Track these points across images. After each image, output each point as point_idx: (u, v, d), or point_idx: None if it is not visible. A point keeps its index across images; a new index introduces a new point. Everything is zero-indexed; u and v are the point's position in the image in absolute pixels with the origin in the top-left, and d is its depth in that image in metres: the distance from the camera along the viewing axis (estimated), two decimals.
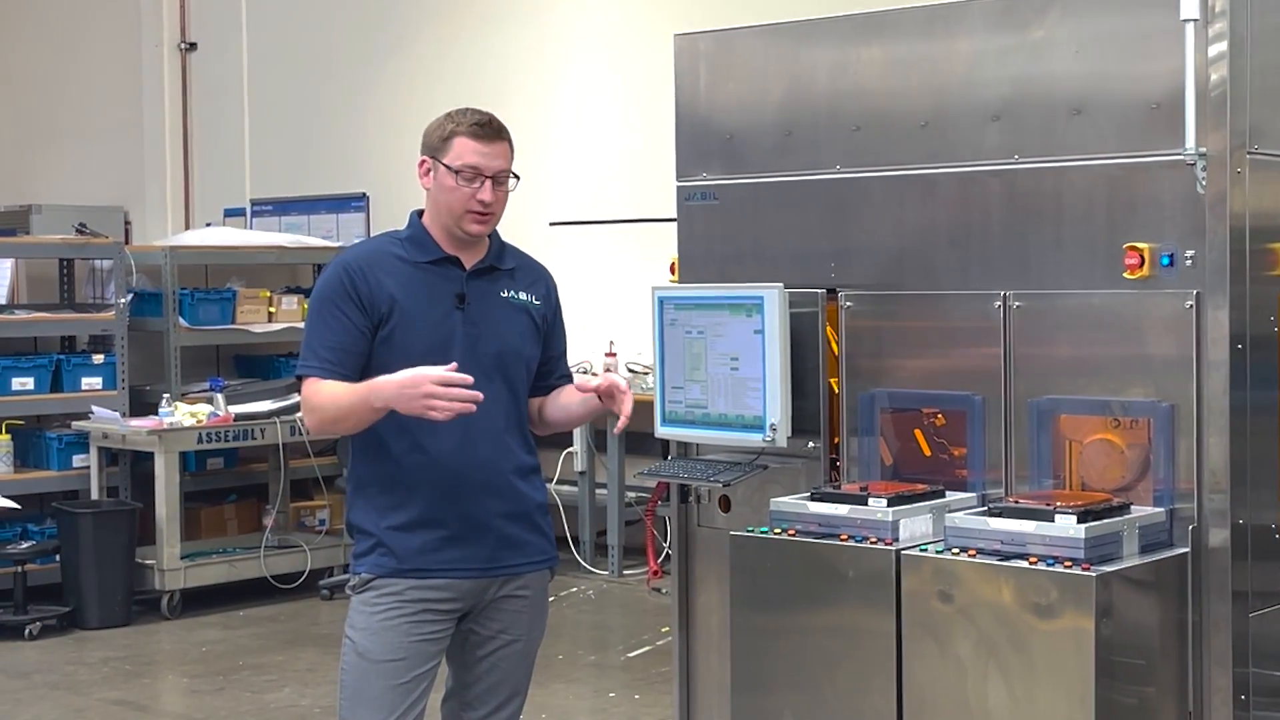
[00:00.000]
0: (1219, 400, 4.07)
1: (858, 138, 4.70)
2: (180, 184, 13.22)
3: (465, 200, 3.90)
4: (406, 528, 3.92)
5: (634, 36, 10.27)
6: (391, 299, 3.90)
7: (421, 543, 3.91)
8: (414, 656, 3.90)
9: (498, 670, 4.05)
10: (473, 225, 3.93)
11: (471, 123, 3.93)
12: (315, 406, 3.90)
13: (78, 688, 7.54)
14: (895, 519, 4.23)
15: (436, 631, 3.95)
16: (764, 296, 4.70)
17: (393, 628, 3.90)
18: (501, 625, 4.02)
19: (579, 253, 10.28)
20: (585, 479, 9.86)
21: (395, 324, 3.89)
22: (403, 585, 3.91)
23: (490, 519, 3.95)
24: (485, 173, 3.90)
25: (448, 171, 3.90)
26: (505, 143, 3.95)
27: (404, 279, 3.94)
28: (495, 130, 3.94)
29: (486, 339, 3.95)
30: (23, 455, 9.31)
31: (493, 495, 3.95)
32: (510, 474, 3.99)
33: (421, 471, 3.91)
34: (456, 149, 3.90)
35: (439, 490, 3.91)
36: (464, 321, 3.94)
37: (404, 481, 3.93)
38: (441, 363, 3.78)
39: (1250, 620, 4.16)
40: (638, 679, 7.44)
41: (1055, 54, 4.33)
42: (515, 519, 4.00)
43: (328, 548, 9.38)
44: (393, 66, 11.73)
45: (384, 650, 3.89)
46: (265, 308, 10.15)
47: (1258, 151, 4.13)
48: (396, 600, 3.90)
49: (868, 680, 4.20)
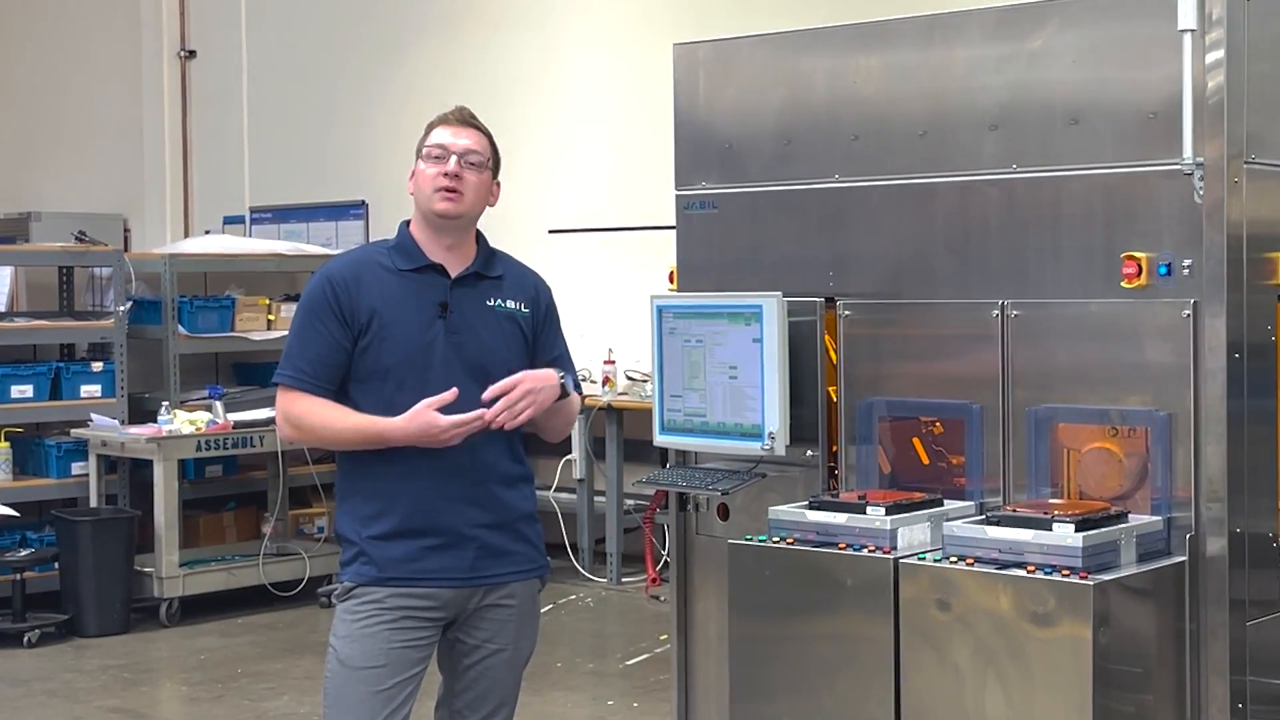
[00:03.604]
0: (1216, 409, 4.08)
1: (856, 147, 4.71)
2: (179, 191, 13.22)
3: (433, 179, 3.95)
4: (386, 537, 3.93)
5: (633, 45, 10.28)
6: (371, 309, 3.94)
7: (402, 552, 3.92)
8: (395, 663, 3.90)
9: (485, 679, 4.04)
10: (440, 203, 3.95)
11: (444, 113, 4.05)
12: (298, 422, 3.96)
13: (76, 695, 7.54)
14: (893, 527, 4.23)
15: (419, 638, 3.94)
16: (762, 305, 4.71)
17: (373, 634, 3.90)
18: (487, 634, 4.02)
19: (578, 261, 10.29)
20: (584, 486, 9.85)
21: (375, 333, 3.92)
22: (383, 593, 3.92)
23: (471, 529, 3.94)
24: (451, 150, 3.96)
25: (421, 161, 3.99)
26: (476, 131, 4.03)
27: (386, 288, 3.97)
28: (465, 117, 4.04)
29: (469, 347, 3.95)
30: (22, 463, 9.31)
31: (473, 505, 3.95)
32: (493, 483, 3.98)
33: (401, 481, 3.92)
34: (429, 136, 4.02)
35: (418, 500, 3.92)
36: (446, 330, 3.95)
37: (384, 491, 3.94)
38: (421, 370, 3.86)
39: (1247, 629, 4.16)
40: (636, 687, 7.43)
41: (1053, 63, 4.34)
42: (498, 529, 3.98)
43: (326, 555, 9.37)
44: (392, 74, 11.74)
45: (364, 657, 3.90)
46: (264, 315, 10.16)
47: (1255, 161, 4.14)
48: (377, 608, 3.91)
49: (866, 688, 4.20)
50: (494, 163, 4.05)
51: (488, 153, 4.02)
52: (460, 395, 3.83)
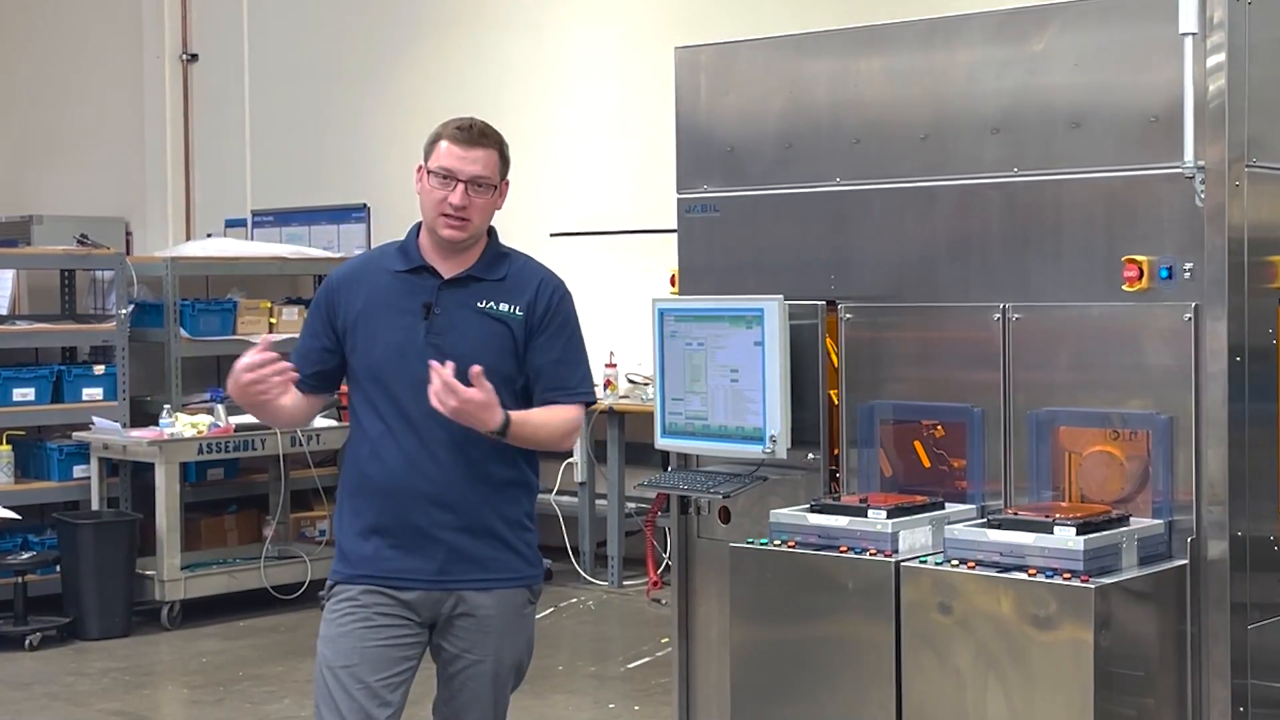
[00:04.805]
0: (1217, 412, 4.08)
1: (858, 150, 4.72)
2: (181, 195, 13.22)
3: (438, 203, 3.92)
4: (361, 534, 3.96)
5: (635, 49, 10.28)
6: (356, 311, 3.97)
7: (373, 550, 3.93)
8: (370, 662, 3.87)
9: (466, 690, 3.99)
10: (445, 229, 3.93)
11: (455, 126, 3.95)
12: None
13: (78, 698, 7.54)
14: (895, 530, 4.24)
15: (397, 636, 3.91)
16: (764, 308, 4.71)
17: (348, 633, 3.91)
18: (465, 644, 3.96)
19: (579, 264, 10.26)
20: (585, 490, 9.85)
21: (359, 334, 3.97)
22: (355, 590, 3.93)
23: (439, 531, 3.90)
24: (458, 176, 3.90)
25: (427, 173, 3.95)
26: (487, 149, 3.92)
27: (378, 289, 3.99)
28: (477, 135, 3.93)
29: (449, 350, 3.88)
30: (23, 466, 9.31)
31: (442, 508, 3.90)
32: (468, 487, 3.91)
33: (376, 479, 3.94)
34: (437, 151, 3.94)
35: (387, 500, 3.93)
36: (428, 331, 3.93)
37: (363, 490, 3.97)
38: (402, 372, 3.89)
39: (1249, 632, 4.16)
40: (637, 690, 7.43)
41: (1054, 67, 4.35)
42: (471, 532, 3.93)
43: (328, 558, 9.23)
44: (394, 77, 11.74)
45: (339, 656, 3.90)
46: (266, 319, 10.16)
47: (1256, 164, 4.14)
48: (351, 604, 3.93)
49: (867, 691, 4.20)
50: (503, 169, 3.99)
51: (496, 173, 3.95)
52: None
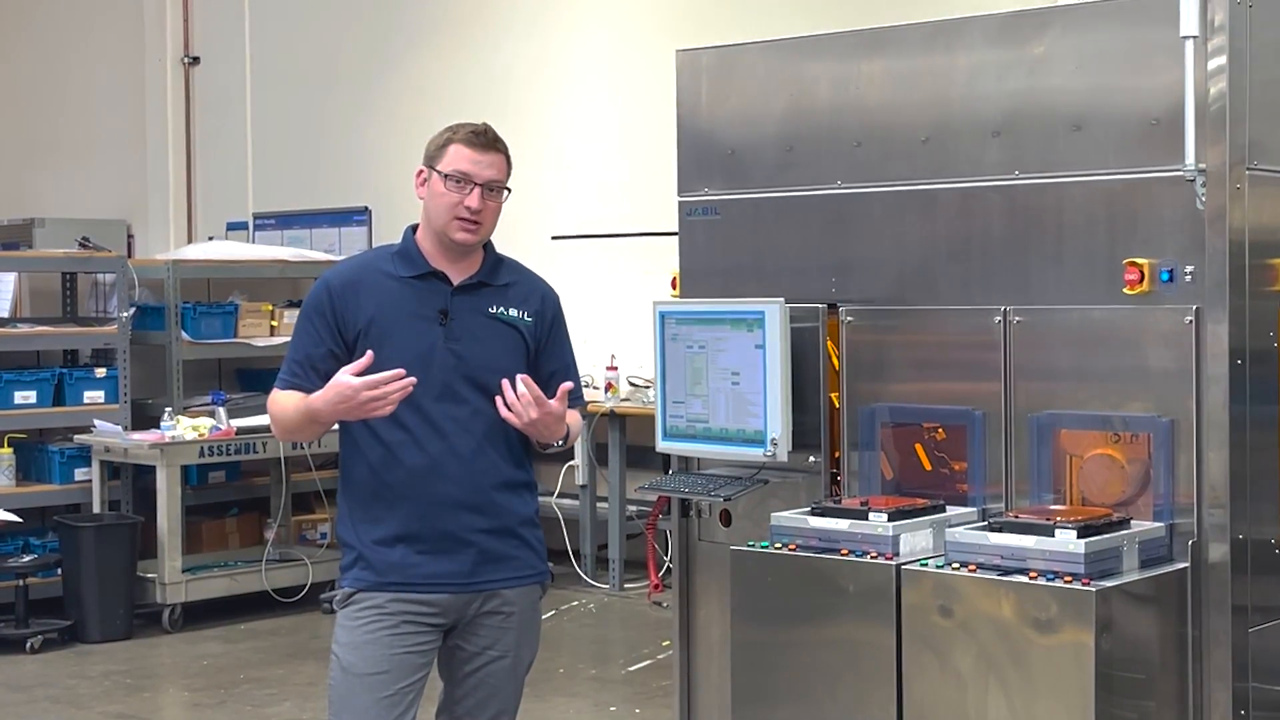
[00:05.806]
0: (1219, 415, 4.08)
1: (859, 153, 4.72)
2: (183, 198, 13.23)
3: (453, 206, 3.92)
4: (386, 542, 3.94)
5: (636, 52, 10.29)
6: (369, 318, 3.94)
7: (400, 557, 3.92)
8: (398, 669, 3.90)
9: (485, 686, 4.03)
10: (459, 233, 3.94)
11: (469, 131, 3.97)
12: (272, 416, 4.03)
13: (79, 701, 7.54)
14: (895, 533, 4.24)
15: (420, 644, 3.94)
16: (765, 311, 4.71)
17: (375, 641, 3.91)
18: (488, 641, 4.01)
19: (581, 267, 10.29)
20: (586, 493, 9.85)
21: (374, 341, 3.91)
22: (383, 598, 3.92)
23: (469, 534, 3.94)
24: (475, 179, 3.92)
25: (440, 177, 3.94)
26: (500, 154, 3.97)
27: (386, 295, 3.97)
28: (490, 140, 3.96)
29: (468, 355, 3.93)
30: (25, 469, 9.31)
31: (471, 511, 3.94)
32: (491, 489, 3.97)
33: (399, 486, 3.93)
34: (451, 155, 3.94)
35: (416, 505, 3.92)
36: (445, 337, 3.94)
37: (383, 496, 3.95)
38: (424, 379, 3.84)
39: (1250, 635, 4.16)
40: (638, 693, 7.43)
41: (1056, 70, 4.35)
42: (497, 534, 3.98)
43: (329, 561, 9.35)
44: (395, 80, 11.75)
45: (367, 664, 3.90)
46: (267, 321, 10.17)
47: (1257, 167, 4.15)
48: (377, 613, 3.92)
49: (868, 694, 4.20)
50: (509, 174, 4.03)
51: (507, 177, 4.00)
52: (457, 401, 3.88)
